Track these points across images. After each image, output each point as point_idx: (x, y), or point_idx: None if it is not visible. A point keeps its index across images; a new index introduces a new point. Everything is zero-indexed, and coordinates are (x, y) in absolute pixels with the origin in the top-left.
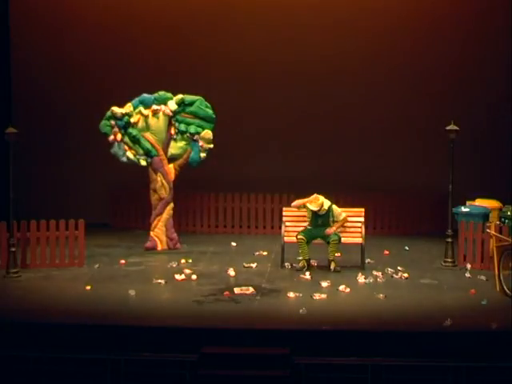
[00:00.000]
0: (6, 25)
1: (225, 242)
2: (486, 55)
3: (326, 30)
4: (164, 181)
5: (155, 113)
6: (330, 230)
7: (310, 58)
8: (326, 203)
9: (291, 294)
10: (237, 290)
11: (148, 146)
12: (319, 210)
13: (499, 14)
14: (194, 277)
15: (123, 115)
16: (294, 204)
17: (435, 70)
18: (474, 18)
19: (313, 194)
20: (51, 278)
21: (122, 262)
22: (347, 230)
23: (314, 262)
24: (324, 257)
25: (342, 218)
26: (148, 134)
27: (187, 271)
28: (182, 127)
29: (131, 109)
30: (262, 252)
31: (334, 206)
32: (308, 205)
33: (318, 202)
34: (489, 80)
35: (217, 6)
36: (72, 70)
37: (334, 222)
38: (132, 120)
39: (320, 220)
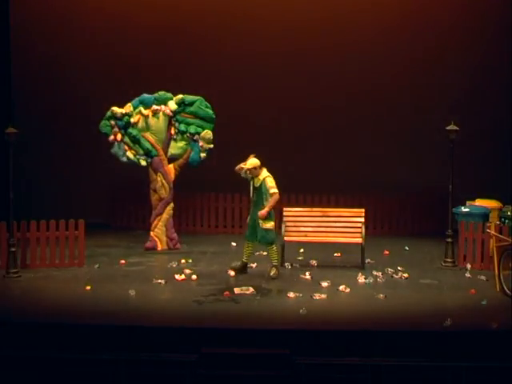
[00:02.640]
0: (6, 25)
1: (225, 242)
2: (486, 55)
3: (326, 30)
4: (164, 181)
5: (155, 113)
6: (261, 213)
7: (311, 58)
8: (264, 173)
9: (291, 294)
10: (237, 290)
11: (148, 146)
12: (251, 173)
13: (500, 13)
14: (194, 277)
15: (123, 115)
16: (236, 169)
17: (435, 70)
18: (474, 19)
19: (312, 193)
20: (51, 278)
21: (122, 262)
22: (347, 229)
23: (313, 262)
24: (324, 257)
25: (270, 192)
26: (148, 134)
27: (187, 271)
28: (182, 127)
29: (131, 109)
30: (262, 252)
31: (269, 179)
32: (243, 164)
33: (251, 159)
34: (489, 80)
35: (216, 6)
36: (72, 69)
37: (266, 198)
38: (132, 120)
39: (255, 194)
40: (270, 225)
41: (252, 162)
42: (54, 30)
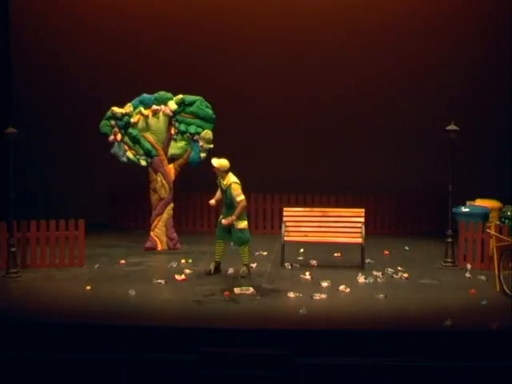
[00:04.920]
0: (6, 24)
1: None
2: (486, 55)
3: (328, 28)
4: (164, 181)
5: (155, 113)
6: (226, 221)
7: (312, 58)
8: (230, 178)
9: (291, 294)
10: (237, 290)
11: (148, 146)
12: (217, 172)
13: (501, 14)
14: (187, 271)
15: (123, 115)
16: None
17: (435, 71)
18: (475, 18)
19: (312, 193)
20: (51, 278)
21: (122, 262)
22: (347, 229)
23: (313, 262)
24: (324, 257)
25: (237, 200)
26: (148, 134)
27: (187, 271)
28: (182, 127)
29: (131, 109)
30: (262, 252)
31: (234, 186)
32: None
33: (221, 160)
34: (489, 80)
35: (216, 5)
36: (72, 69)
37: (234, 204)
38: (132, 120)
39: (225, 196)
40: (244, 224)
41: (220, 162)
42: (54, 30)
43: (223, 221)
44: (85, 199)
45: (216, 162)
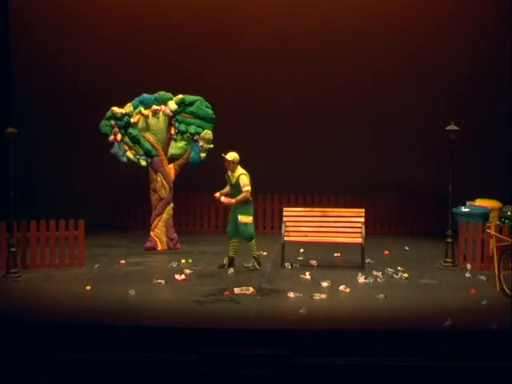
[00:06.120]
0: (6, 24)
1: (225, 242)
2: (486, 55)
3: (326, 29)
4: (164, 181)
5: (155, 113)
6: (225, 199)
7: (311, 58)
8: (239, 170)
9: (291, 294)
10: (237, 290)
11: (148, 146)
12: (228, 165)
13: (500, 13)
14: (187, 271)
15: (123, 115)
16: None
17: (436, 70)
18: (475, 18)
19: (312, 193)
20: (51, 278)
21: (122, 262)
22: (347, 229)
23: (313, 262)
24: (324, 257)
25: (243, 190)
26: (148, 134)
27: (187, 271)
28: (182, 127)
29: (131, 109)
30: (262, 252)
31: (243, 177)
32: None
33: (231, 152)
34: (489, 80)
35: (216, 6)
36: (72, 69)
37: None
38: (132, 120)
39: (232, 189)
40: (249, 219)
41: (233, 155)
42: (53, 29)
43: (222, 198)
44: (85, 199)
45: (229, 155)
